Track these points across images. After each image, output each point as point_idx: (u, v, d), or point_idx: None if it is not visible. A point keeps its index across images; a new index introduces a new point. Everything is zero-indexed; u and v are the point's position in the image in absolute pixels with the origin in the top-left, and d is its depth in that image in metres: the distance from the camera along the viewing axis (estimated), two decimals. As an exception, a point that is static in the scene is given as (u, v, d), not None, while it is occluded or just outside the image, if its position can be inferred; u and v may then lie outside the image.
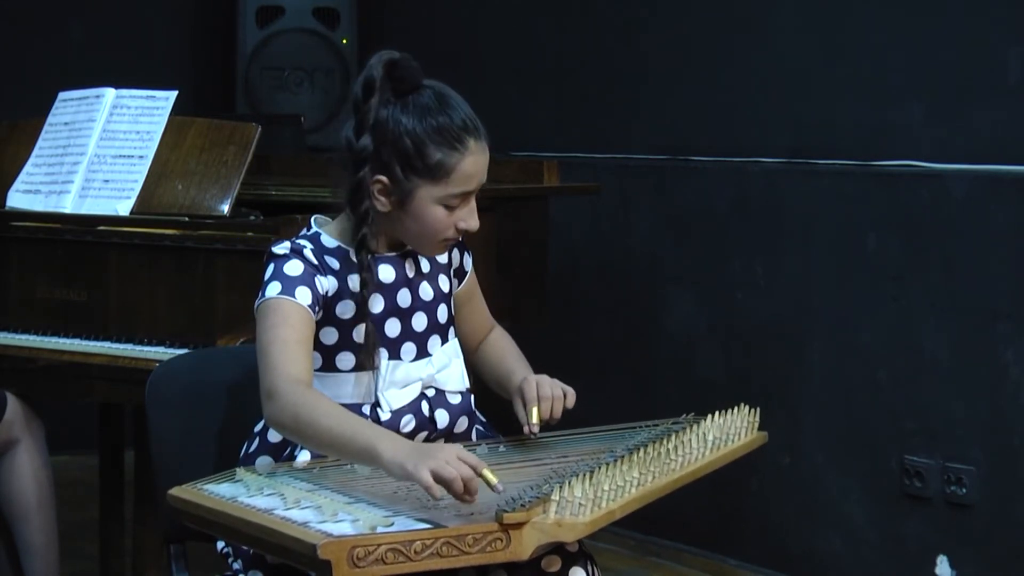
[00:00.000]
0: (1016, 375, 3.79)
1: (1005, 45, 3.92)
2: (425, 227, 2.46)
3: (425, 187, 2.43)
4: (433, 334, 2.54)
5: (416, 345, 2.52)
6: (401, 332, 2.51)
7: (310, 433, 2.32)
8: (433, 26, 5.72)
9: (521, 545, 2.10)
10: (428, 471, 2.14)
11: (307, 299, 2.42)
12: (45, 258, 3.64)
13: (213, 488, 2.29)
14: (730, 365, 4.52)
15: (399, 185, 2.43)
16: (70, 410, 4.22)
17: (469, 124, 2.45)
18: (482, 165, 2.47)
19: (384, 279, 2.51)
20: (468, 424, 2.57)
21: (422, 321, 2.53)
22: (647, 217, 4.79)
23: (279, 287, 2.42)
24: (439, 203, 2.44)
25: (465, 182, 2.45)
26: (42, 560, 3.58)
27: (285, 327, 2.40)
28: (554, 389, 2.51)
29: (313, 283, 2.44)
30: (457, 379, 2.56)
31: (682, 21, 4.83)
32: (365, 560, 2.01)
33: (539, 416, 2.49)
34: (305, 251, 2.46)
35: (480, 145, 2.46)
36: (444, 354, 2.55)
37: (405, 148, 2.42)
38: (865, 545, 4.15)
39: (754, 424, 2.62)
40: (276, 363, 2.36)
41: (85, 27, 5.95)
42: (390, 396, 2.47)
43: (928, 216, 4.00)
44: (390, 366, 2.48)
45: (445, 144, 2.42)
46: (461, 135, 2.43)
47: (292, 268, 2.44)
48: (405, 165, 2.42)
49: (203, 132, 3.63)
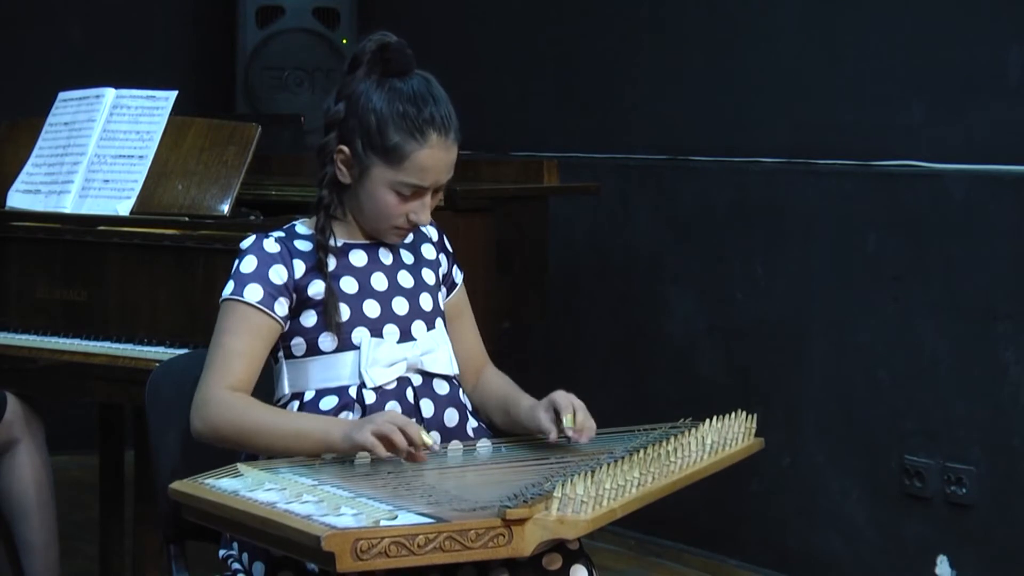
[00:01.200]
0: (1016, 375, 3.79)
1: (1005, 45, 3.92)
2: (376, 209, 2.50)
3: (379, 167, 2.47)
4: (416, 319, 2.55)
5: (399, 327, 2.53)
6: (381, 313, 2.52)
7: (257, 438, 2.40)
8: (433, 26, 5.72)
9: (523, 541, 2.11)
10: (369, 432, 2.27)
11: (256, 295, 2.47)
12: (45, 258, 3.64)
13: (214, 482, 2.29)
14: (730, 365, 4.52)
15: (358, 159, 2.49)
16: (70, 410, 4.22)
17: (437, 119, 2.47)
18: (441, 162, 2.49)
19: (355, 263, 2.54)
20: (459, 417, 2.56)
21: (403, 305, 2.55)
22: (647, 217, 4.79)
23: (232, 286, 2.49)
24: (390, 188, 2.48)
25: (418, 174, 2.47)
26: (42, 560, 3.58)
27: (230, 335, 2.46)
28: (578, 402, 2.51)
29: (266, 276, 2.48)
30: (444, 363, 2.56)
31: (682, 21, 4.82)
32: (368, 553, 2.01)
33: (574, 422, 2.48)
34: (266, 241, 2.51)
35: (443, 142, 2.48)
36: (431, 338, 2.56)
37: (368, 124, 2.47)
38: (865, 545, 4.15)
39: (751, 430, 2.63)
40: (212, 375, 2.44)
41: (85, 27, 5.95)
42: (374, 373, 2.49)
43: (928, 216, 4.00)
44: (372, 343, 2.50)
45: (405, 130, 2.46)
46: (424, 127, 2.46)
47: (246, 265, 2.50)
48: (365, 140, 2.47)
49: (203, 132, 3.64)
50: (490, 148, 5.23)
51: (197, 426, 2.43)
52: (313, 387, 2.50)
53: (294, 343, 2.51)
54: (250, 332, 2.46)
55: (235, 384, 2.43)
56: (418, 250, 2.63)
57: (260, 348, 2.47)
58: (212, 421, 2.41)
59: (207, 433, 2.42)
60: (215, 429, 2.41)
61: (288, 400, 2.53)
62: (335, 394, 2.49)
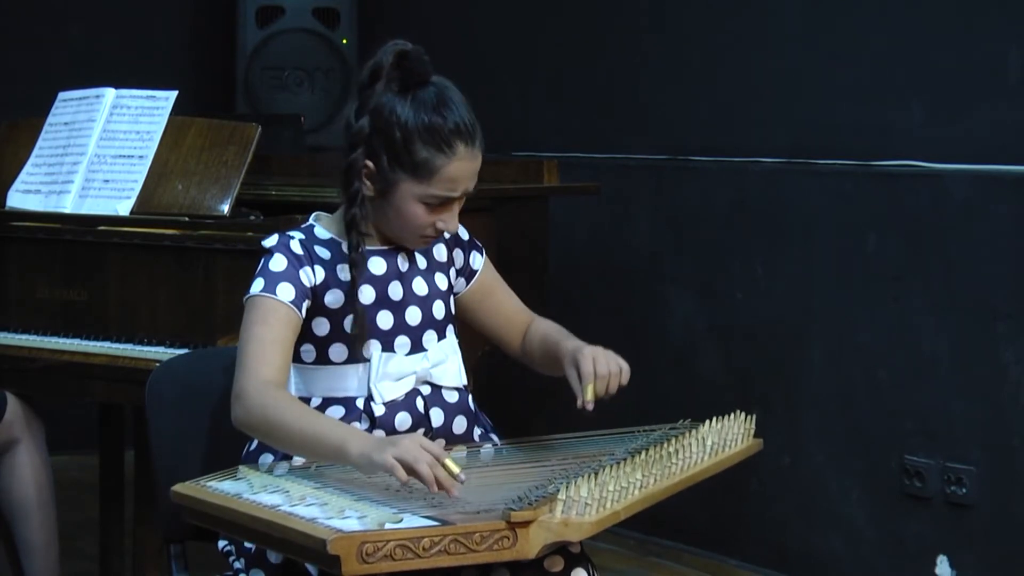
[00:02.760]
0: (1016, 375, 3.79)
1: (1005, 45, 3.92)
2: (404, 221, 2.48)
3: (407, 183, 2.44)
4: (428, 329, 2.54)
5: (410, 339, 2.52)
6: (394, 325, 2.51)
7: (281, 434, 2.35)
8: (433, 26, 5.72)
9: (528, 544, 2.11)
10: (391, 456, 2.17)
11: (289, 295, 2.44)
12: (45, 258, 3.64)
13: (217, 485, 2.29)
14: (730, 365, 4.52)
15: (383, 174, 2.45)
16: (70, 410, 4.22)
17: (463, 128, 2.44)
18: (469, 171, 2.47)
19: (374, 271, 2.51)
20: (467, 425, 2.56)
21: (416, 315, 2.53)
22: (647, 217, 4.79)
23: (262, 284, 2.45)
24: (419, 200, 2.45)
25: (448, 185, 2.45)
26: (42, 560, 3.58)
27: (262, 325, 2.43)
28: (610, 365, 2.48)
29: (297, 276, 2.46)
30: (453, 375, 2.55)
31: (682, 21, 4.83)
32: (374, 556, 2.01)
33: (594, 393, 2.45)
34: (292, 242, 2.49)
35: (470, 151, 2.45)
36: (440, 350, 2.55)
37: (395, 140, 2.43)
38: (865, 545, 4.15)
39: (750, 431, 2.63)
40: (249, 364, 2.40)
41: (85, 27, 5.95)
42: (383, 388, 2.47)
43: (928, 216, 4.00)
44: (383, 358, 2.48)
45: (433, 144, 2.42)
46: (451, 138, 2.43)
47: (276, 264, 2.47)
48: (392, 156, 2.44)
49: (203, 132, 3.63)
50: (490, 148, 5.21)
51: (235, 416, 2.40)
52: (320, 395, 2.50)
53: (303, 348, 2.50)
54: (280, 323, 2.43)
55: (271, 372, 2.39)
56: (431, 253, 2.60)
57: (291, 339, 2.45)
58: (246, 411, 2.37)
59: (242, 423, 2.40)
60: (246, 421, 2.38)
61: (293, 404, 2.52)
62: (341, 404, 2.48)
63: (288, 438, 2.35)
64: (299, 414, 2.35)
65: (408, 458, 2.17)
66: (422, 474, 2.17)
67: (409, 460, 2.17)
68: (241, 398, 2.39)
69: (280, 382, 2.41)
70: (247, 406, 2.37)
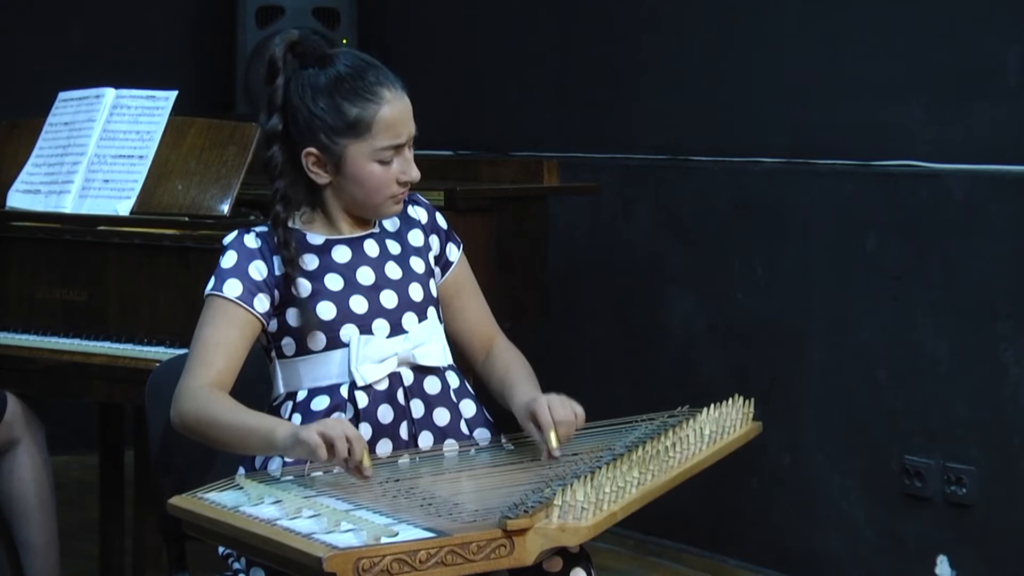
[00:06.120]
0: (1016, 375, 3.79)
1: (1005, 45, 3.92)
2: (367, 188, 2.50)
3: (353, 146, 2.47)
4: (407, 311, 2.54)
5: (388, 321, 2.52)
6: (370, 308, 2.52)
7: (214, 432, 2.40)
8: (433, 26, 5.71)
9: (525, 551, 2.11)
10: (316, 432, 2.24)
11: (236, 291, 2.47)
12: (45, 258, 3.64)
13: (215, 497, 2.29)
14: (730, 365, 4.51)
15: (329, 151, 2.48)
16: (70, 410, 4.22)
17: (381, 77, 2.48)
18: (403, 113, 2.49)
19: (338, 260, 2.53)
20: (450, 416, 2.55)
21: (392, 298, 2.54)
22: (647, 217, 4.79)
23: (212, 282, 2.50)
24: (372, 159, 2.48)
25: (390, 132, 2.47)
26: (42, 560, 3.58)
27: (209, 327, 2.47)
28: (565, 411, 2.46)
29: (245, 271, 2.48)
30: (437, 355, 2.55)
31: (682, 21, 4.82)
32: (370, 571, 2.01)
33: (558, 440, 2.45)
34: (247, 237, 2.52)
35: (396, 93, 2.49)
36: (422, 331, 2.55)
37: (322, 113, 2.46)
38: (865, 545, 4.15)
39: (748, 415, 2.63)
40: (189, 366, 2.46)
41: (85, 27, 5.95)
42: (364, 371, 2.48)
43: (928, 216, 4.00)
44: (362, 340, 2.49)
45: (358, 98, 2.46)
46: (372, 87, 2.47)
47: (227, 260, 2.51)
48: (327, 129, 2.46)
49: (203, 132, 3.64)
50: (490, 148, 5.23)
51: (171, 419, 2.46)
52: (305, 387, 2.51)
53: (284, 343, 2.51)
54: (228, 324, 2.46)
55: (213, 375, 2.44)
56: (405, 238, 2.61)
57: (238, 339, 2.47)
58: (180, 413, 2.43)
59: (177, 424, 2.45)
60: (182, 422, 2.44)
61: (283, 400, 2.53)
62: (327, 393, 2.49)
63: (220, 435, 2.39)
64: (229, 410, 2.40)
65: (331, 434, 2.24)
66: (337, 450, 2.23)
67: (331, 435, 2.23)
68: (176, 400, 2.44)
69: (221, 383, 2.45)
70: (180, 409, 2.43)
